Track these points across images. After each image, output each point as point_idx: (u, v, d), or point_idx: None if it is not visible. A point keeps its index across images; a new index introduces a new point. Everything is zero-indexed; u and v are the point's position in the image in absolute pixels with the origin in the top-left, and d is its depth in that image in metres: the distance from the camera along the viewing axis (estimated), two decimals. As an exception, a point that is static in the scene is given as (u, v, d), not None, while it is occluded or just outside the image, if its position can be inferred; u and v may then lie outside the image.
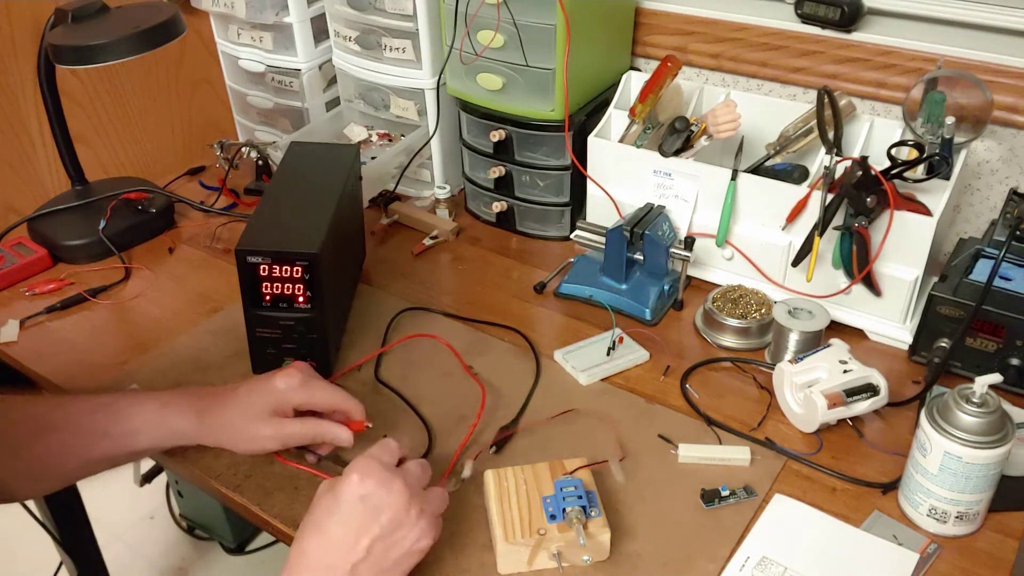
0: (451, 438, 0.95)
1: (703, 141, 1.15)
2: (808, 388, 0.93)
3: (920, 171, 1.06)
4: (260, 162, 1.44)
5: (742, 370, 1.05)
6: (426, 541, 0.74)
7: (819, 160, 1.10)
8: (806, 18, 1.26)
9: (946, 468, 0.79)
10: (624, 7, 1.35)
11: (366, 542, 0.71)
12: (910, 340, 1.06)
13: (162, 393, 0.88)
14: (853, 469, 0.90)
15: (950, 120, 1.06)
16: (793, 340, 1.02)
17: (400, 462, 0.78)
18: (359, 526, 0.71)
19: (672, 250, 1.13)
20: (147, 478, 1.84)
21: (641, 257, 1.15)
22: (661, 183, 1.18)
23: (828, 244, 1.06)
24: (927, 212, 1.04)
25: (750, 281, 1.15)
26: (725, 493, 0.87)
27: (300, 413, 0.88)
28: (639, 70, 1.40)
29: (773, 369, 0.99)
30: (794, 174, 1.16)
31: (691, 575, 0.80)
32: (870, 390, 0.92)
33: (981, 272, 1.01)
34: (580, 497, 0.80)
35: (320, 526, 0.71)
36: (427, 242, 1.31)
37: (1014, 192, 1.11)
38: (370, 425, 0.88)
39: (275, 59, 1.47)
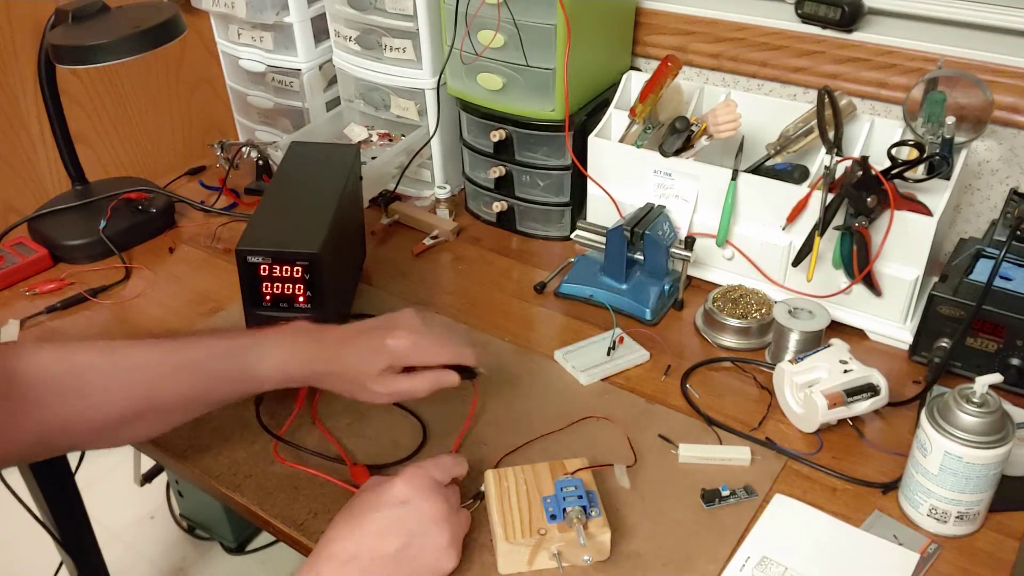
0: (448, 438, 0.95)
1: (703, 141, 1.15)
2: (808, 388, 0.93)
3: (920, 171, 1.06)
4: (260, 162, 1.44)
5: (742, 370, 1.05)
6: (447, 563, 0.76)
7: (819, 160, 1.10)
8: (806, 18, 1.26)
9: (946, 468, 0.79)
10: (624, 7, 1.35)
11: (393, 543, 0.73)
12: (910, 340, 1.06)
13: (278, 337, 0.87)
14: (853, 469, 0.90)
15: (950, 120, 1.06)
16: (793, 340, 1.02)
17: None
18: (390, 526, 0.74)
19: (672, 250, 1.13)
20: (147, 478, 1.85)
21: (641, 257, 1.15)
22: (661, 183, 1.18)
23: (828, 244, 1.06)
24: (927, 212, 1.04)
25: (750, 281, 1.15)
26: (725, 493, 0.87)
27: None
28: (639, 70, 1.40)
29: (773, 369, 0.99)
30: (794, 174, 1.16)
31: (691, 575, 0.80)
32: (870, 390, 0.92)
33: (981, 272, 1.01)
34: (580, 497, 0.79)
35: (356, 517, 0.75)
36: (427, 242, 1.31)
37: (1014, 192, 1.11)
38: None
39: (275, 59, 1.47)
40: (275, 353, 0.86)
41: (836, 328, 1.08)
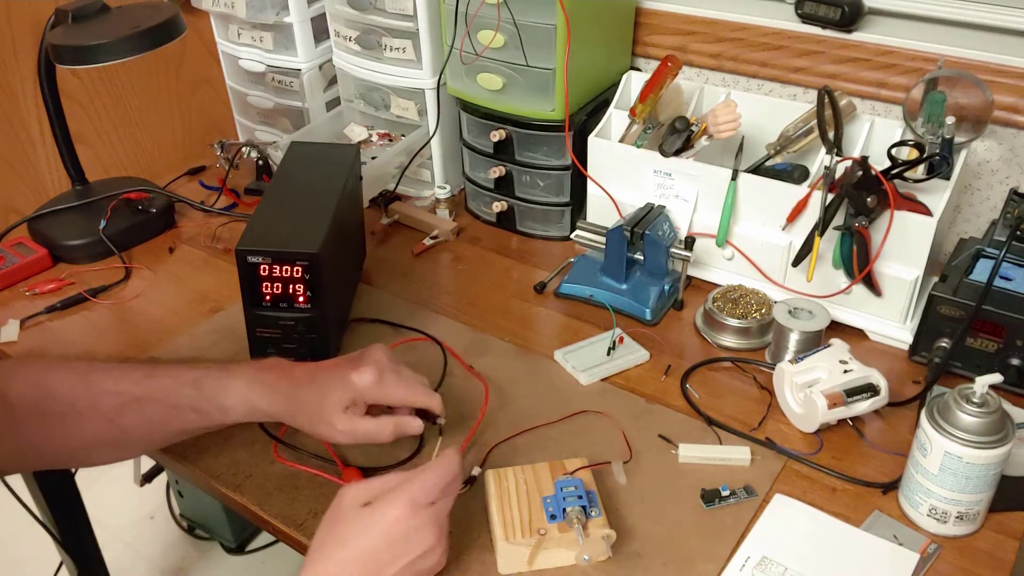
0: (450, 438, 0.95)
1: (703, 141, 1.15)
2: (808, 388, 0.93)
3: (920, 171, 1.06)
4: (260, 162, 1.44)
5: (742, 370, 1.05)
6: (435, 566, 0.74)
7: (819, 160, 1.10)
8: (806, 18, 1.26)
9: (946, 468, 0.79)
10: (624, 7, 1.35)
11: (390, 573, 0.71)
12: (910, 340, 1.06)
13: (246, 369, 0.87)
14: (853, 469, 0.90)
15: (950, 120, 1.06)
16: (793, 340, 1.02)
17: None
18: (390, 558, 0.71)
19: (672, 250, 1.13)
20: (147, 478, 1.84)
21: (641, 257, 1.15)
22: (661, 183, 1.18)
23: (828, 244, 1.06)
24: (927, 212, 1.04)
25: (750, 281, 1.15)
26: (725, 493, 0.87)
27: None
28: (639, 70, 1.40)
29: (773, 369, 0.99)
30: (794, 174, 1.16)
31: (691, 575, 0.80)
32: (870, 390, 0.92)
33: (981, 272, 1.01)
34: (580, 497, 0.80)
35: (350, 547, 0.71)
36: (427, 242, 1.31)
37: (1014, 192, 1.11)
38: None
39: (275, 59, 1.47)
40: (241, 385, 0.86)
41: (836, 328, 1.08)
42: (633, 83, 1.27)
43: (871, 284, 1.06)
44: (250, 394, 0.86)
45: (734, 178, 1.12)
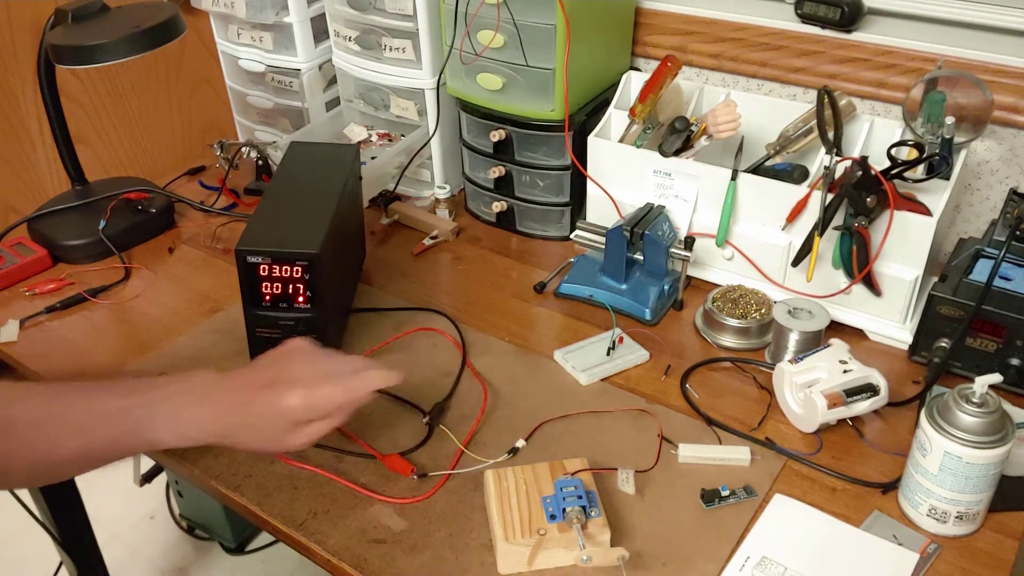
0: (450, 437, 0.95)
1: (703, 141, 1.15)
2: (808, 388, 0.93)
3: (920, 171, 1.06)
4: (260, 162, 1.44)
5: (742, 370, 1.05)
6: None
7: (819, 160, 1.10)
8: (806, 18, 1.26)
9: (946, 468, 0.79)
10: (624, 7, 1.35)
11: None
12: (910, 340, 1.06)
13: (177, 399, 0.82)
14: (853, 469, 0.90)
15: (950, 120, 1.06)
16: (793, 340, 1.02)
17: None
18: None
19: (672, 250, 1.13)
20: (147, 478, 1.84)
21: (641, 257, 1.15)
22: (661, 183, 1.18)
23: (828, 244, 1.06)
24: (927, 212, 1.04)
25: (750, 281, 1.15)
26: (725, 493, 0.87)
27: None
28: (639, 70, 1.40)
29: (773, 369, 0.99)
30: (794, 174, 1.16)
31: (691, 575, 0.80)
32: (870, 390, 0.92)
33: (981, 272, 1.01)
34: (580, 497, 0.80)
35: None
36: (427, 242, 1.31)
37: (1014, 192, 1.11)
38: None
39: (275, 59, 1.47)
40: (168, 417, 0.81)
41: (836, 328, 1.08)
42: (633, 83, 1.27)
43: (871, 284, 1.06)
44: (178, 428, 0.81)
45: (734, 178, 1.12)
